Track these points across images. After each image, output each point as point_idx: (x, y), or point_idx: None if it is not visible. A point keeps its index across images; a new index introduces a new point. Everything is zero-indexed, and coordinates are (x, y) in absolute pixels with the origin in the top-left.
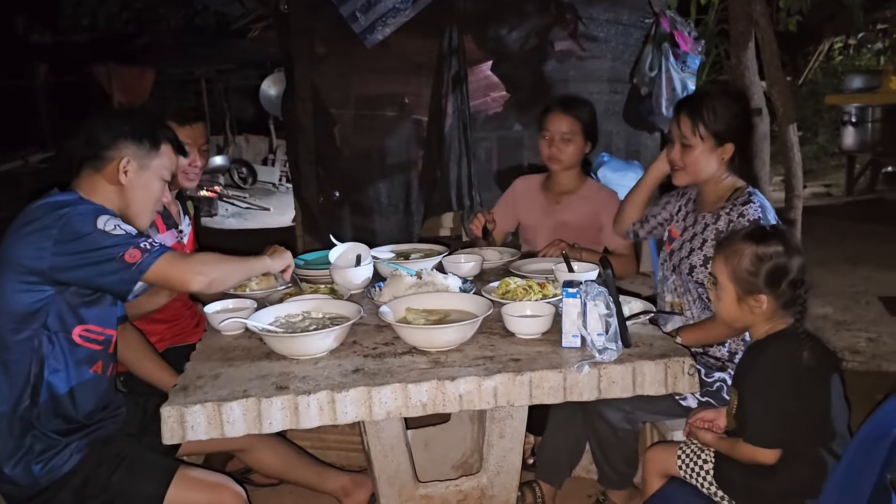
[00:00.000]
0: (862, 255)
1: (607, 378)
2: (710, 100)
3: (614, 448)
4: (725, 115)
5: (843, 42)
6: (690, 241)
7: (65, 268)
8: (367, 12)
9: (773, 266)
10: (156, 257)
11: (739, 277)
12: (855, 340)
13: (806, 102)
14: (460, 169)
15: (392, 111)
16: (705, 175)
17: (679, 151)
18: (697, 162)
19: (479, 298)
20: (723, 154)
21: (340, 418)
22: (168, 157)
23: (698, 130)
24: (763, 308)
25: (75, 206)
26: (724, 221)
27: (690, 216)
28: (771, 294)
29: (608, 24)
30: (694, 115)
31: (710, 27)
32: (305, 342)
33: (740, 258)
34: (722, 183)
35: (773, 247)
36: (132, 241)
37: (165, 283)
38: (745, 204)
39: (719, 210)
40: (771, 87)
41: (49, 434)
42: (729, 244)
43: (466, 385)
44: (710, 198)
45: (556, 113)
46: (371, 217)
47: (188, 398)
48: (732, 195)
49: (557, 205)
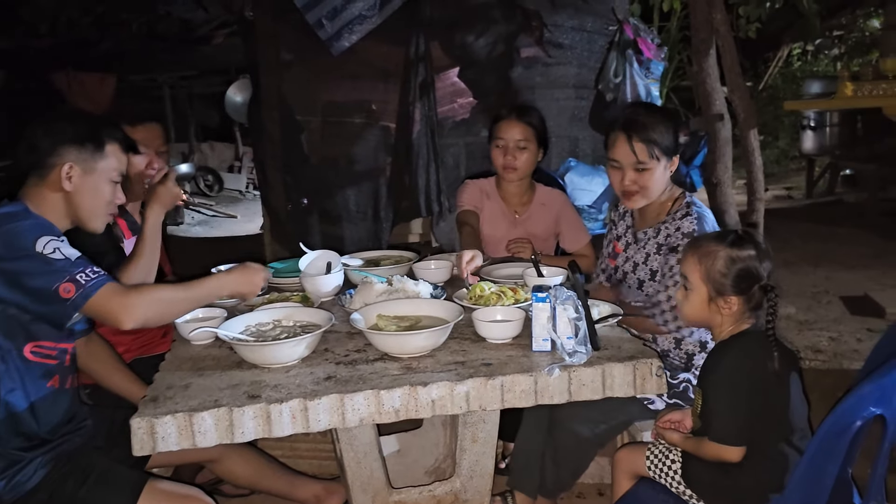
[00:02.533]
0: (823, 256)
1: (577, 381)
2: (650, 118)
3: (570, 458)
4: (669, 129)
5: (801, 48)
6: (634, 256)
7: (1, 286)
8: (334, 19)
9: (745, 269)
10: (92, 291)
11: (712, 279)
12: (817, 339)
13: (766, 107)
14: (428, 175)
15: (360, 118)
16: (658, 192)
17: (634, 176)
18: (656, 182)
19: (450, 304)
20: (670, 167)
21: (313, 426)
22: (115, 158)
23: (654, 153)
24: (732, 310)
25: (18, 222)
26: (662, 235)
27: (630, 232)
28: (742, 296)
29: (573, 31)
30: (649, 140)
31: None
32: (277, 350)
33: (714, 260)
34: (663, 197)
35: (746, 250)
36: (69, 271)
37: (99, 319)
38: (684, 217)
39: (659, 224)
40: (732, 93)
41: (11, 451)
42: (702, 245)
43: (439, 390)
44: (651, 213)
45: (510, 120)
46: (340, 224)
47: (158, 409)
48: (673, 207)
49: (518, 216)
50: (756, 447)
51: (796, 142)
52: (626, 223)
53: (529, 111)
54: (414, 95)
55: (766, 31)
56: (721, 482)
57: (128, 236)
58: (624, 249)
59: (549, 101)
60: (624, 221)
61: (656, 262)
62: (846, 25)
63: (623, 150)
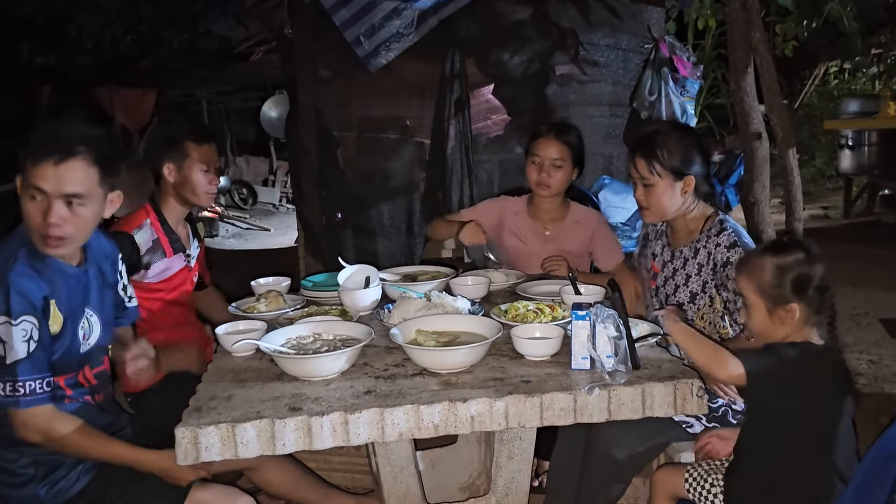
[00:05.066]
0: (861, 277)
1: (617, 400)
2: (661, 137)
3: (606, 483)
4: (678, 149)
5: (838, 66)
6: (673, 278)
7: None
8: (371, 37)
9: (797, 274)
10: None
11: (766, 291)
12: (857, 363)
13: (802, 126)
14: (462, 191)
15: (394, 134)
16: (672, 211)
17: (642, 192)
18: (660, 200)
19: (489, 320)
20: (684, 187)
21: (353, 439)
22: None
23: (654, 169)
24: (795, 317)
25: None
26: (703, 255)
27: (667, 250)
28: (800, 302)
29: (608, 49)
30: (648, 155)
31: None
32: (317, 364)
33: (762, 272)
34: (691, 215)
35: (792, 255)
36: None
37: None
38: (720, 234)
39: (695, 243)
40: (770, 112)
41: (49, 456)
42: (749, 261)
43: (478, 406)
44: (683, 232)
45: (547, 138)
46: (373, 239)
47: (202, 419)
48: (704, 226)
49: (548, 232)
50: (800, 469)
51: (833, 161)
52: (662, 242)
53: (568, 130)
54: (449, 112)
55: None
56: None
57: (168, 254)
58: (661, 269)
59: (584, 118)
60: (660, 241)
61: (696, 284)
62: (885, 43)
63: (632, 166)
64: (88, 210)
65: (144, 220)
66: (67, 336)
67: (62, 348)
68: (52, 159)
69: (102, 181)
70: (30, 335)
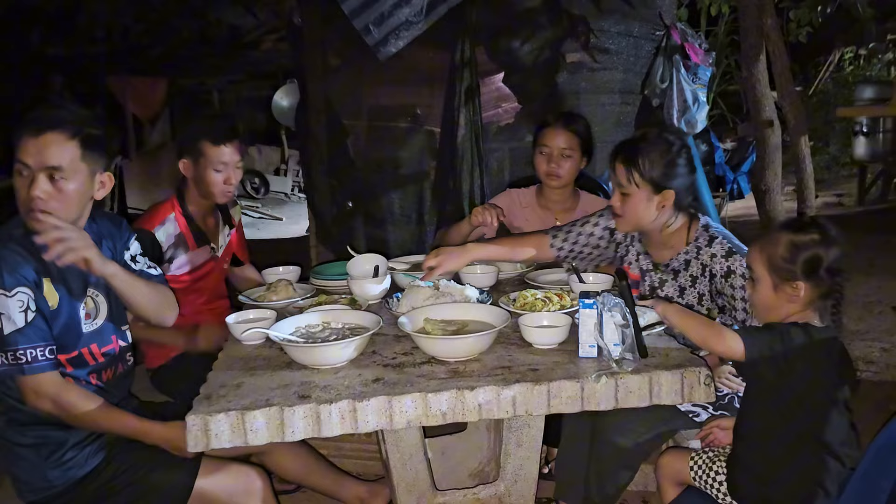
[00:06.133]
0: (874, 265)
1: (624, 388)
2: (646, 145)
3: (614, 471)
4: (660, 160)
5: (853, 52)
6: (662, 289)
7: None
8: (381, 25)
9: (811, 254)
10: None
11: (775, 265)
12: (869, 350)
13: (817, 113)
14: (472, 180)
15: (405, 122)
16: (645, 223)
17: (618, 198)
18: (635, 210)
19: (497, 309)
20: (662, 201)
21: (361, 427)
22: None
23: (633, 178)
24: (801, 296)
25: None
26: (696, 267)
27: (644, 259)
28: (808, 282)
29: (619, 37)
30: (628, 163)
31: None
32: (326, 352)
33: (776, 246)
34: (670, 228)
35: (809, 235)
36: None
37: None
38: (711, 243)
39: (684, 254)
40: (782, 99)
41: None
42: (766, 234)
43: (486, 394)
44: (661, 247)
45: (556, 128)
46: (384, 227)
47: (212, 407)
48: (688, 236)
49: (559, 222)
50: (800, 457)
51: (847, 148)
52: (636, 249)
53: (576, 119)
54: (459, 100)
55: (816, 35)
56: (767, 492)
57: (192, 247)
58: (642, 277)
59: (595, 106)
60: (633, 247)
61: (692, 296)
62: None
63: (611, 170)
64: (72, 186)
65: (168, 215)
66: (64, 314)
67: (60, 325)
68: (32, 131)
69: (85, 157)
70: (27, 305)
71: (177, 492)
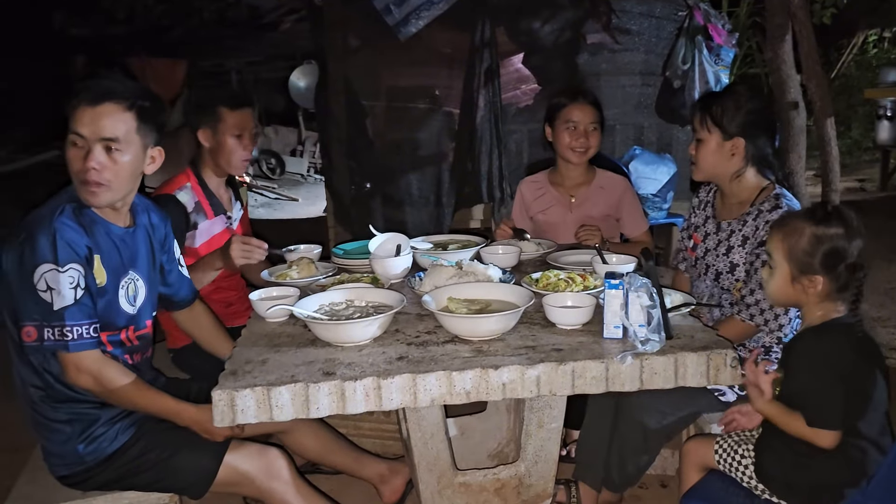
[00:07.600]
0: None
1: (649, 369)
2: (724, 94)
3: (636, 452)
4: (733, 108)
5: (877, 35)
6: (715, 248)
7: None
8: (401, 5)
9: (832, 248)
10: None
11: (795, 257)
12: (891, 338)
13: (839, 96)
14: (491, 161)
15: (424, 103)
16: (717, 170)
17: (694, 146)
18: (706, 156)
19: (520, 289)
20: (732, 150)
21: (386, 404)
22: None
23: (706, 123)
24: (817, 289)
25: (40, 236)
26: (750, 228)
27: (711, 222)
28: (827, 276)
29: (641, 17)
30: (704, 109)
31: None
32: (350, 330)
33: (798, 237)
34: (743, 183)
35: (833, 228)
36: (46, 318)
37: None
38: (773, 210)
39: (745, 216)
40: (808, 81)
41: (91, 411)
42: (788, 222)
43: (510, 374)
44: (733, 200)
45: (582, 104)
46: (402, 208)
47: (238, 382)
48: (757, 198)
49: (574, 199)
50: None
51: (870, 132)
52: (706, 213)
53: (592, 94)
54: (478, 81)
55: (841, 17)
56: (795, 477)
57: (210, 216)
58: (703, 240)
59: (615, 87)
60: (704, 211)
61: (738, 255)
62: None
63: (692, 117)
64: (126, 157)
65: (185, 184)
66: (110, 292)
67: (104, 303)
68: (88, 101)
69: (139, 130)
70: (77, 282)
71: (202, 473)
